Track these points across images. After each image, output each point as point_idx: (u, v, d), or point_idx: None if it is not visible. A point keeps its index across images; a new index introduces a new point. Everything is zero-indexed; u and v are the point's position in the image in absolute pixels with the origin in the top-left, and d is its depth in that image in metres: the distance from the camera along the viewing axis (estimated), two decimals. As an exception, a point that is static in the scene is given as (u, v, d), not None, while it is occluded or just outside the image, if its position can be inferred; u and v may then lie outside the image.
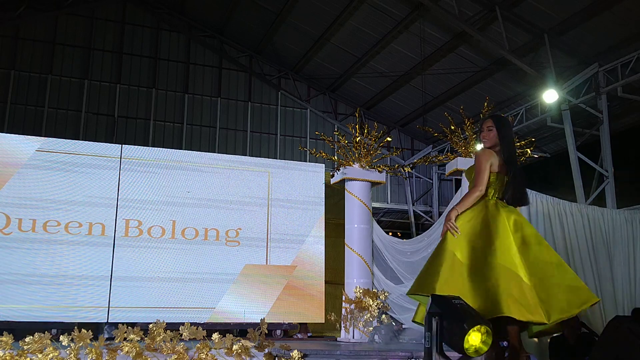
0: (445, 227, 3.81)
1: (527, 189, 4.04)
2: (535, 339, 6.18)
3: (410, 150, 16.77)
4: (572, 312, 3.58)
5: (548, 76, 10.84)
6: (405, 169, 10.05)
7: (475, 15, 11.22)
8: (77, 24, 14.46)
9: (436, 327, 3.24)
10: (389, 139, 9.46)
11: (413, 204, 16.45)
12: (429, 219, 16.26)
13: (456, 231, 3.75)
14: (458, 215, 3.80)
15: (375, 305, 7.77)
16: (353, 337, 7.76)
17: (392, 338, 7.36)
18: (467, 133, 7.51)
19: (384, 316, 7.78)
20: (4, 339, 4.26)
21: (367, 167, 8.31)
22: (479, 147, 7.42)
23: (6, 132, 12.00)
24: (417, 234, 10.72)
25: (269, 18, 14.16)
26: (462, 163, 7.28)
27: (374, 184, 8.49)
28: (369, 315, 7.73)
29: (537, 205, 7.16)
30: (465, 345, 3.22)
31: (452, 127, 7.64)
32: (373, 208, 8.97)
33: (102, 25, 14.68)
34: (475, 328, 3.22)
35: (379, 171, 8.41)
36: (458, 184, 8.14)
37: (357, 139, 8.32)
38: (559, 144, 13.04)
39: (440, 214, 14.70)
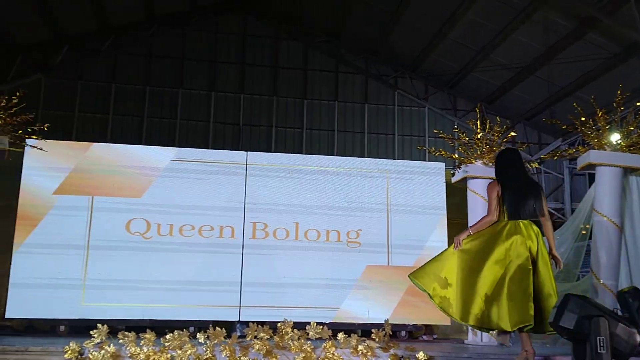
0: (455, 242, 4.63)
1: (527, 205, 4.58)
2: None
3: (538, 144, 15.97)
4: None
5: (693, 57, 9.85)
6: (532, 164, 9.56)
7: (605, -2, 10.47)
8: (203, 40, 15.34)
9: (607, 330, 3.08)
10: (513, 133, 9.07)
11: (542, 201, 15.64)
12: (561, 216, 15.36)
13: (459, 246, 4.59)
14: (470, 234, 4.59)
15: (504, 307, 7.47)
16: (481, 340, 7.52)
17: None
18: (599, 124, 7.00)
19: (513, 318, 7.48)
20: (147, 336, 4.62)
21: (491, 164, 8.03)
22: (614, 137, 6.91)
23: (144, 144, 13.06)
24: (548, 233, 10.18)
25: (384, 19, 14.14)
26: (595, 156, 6.81)
27: (498, 181, 8.19)
28: (496, 317, 7.45)
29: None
30: None
31: (583, 119, 7.16)
32: (498, 206, 8.63)
33: (226, 39, 15.46)
34: None
35: (503, 168, 8.08)
36: (592, 178, 7.62)
37: (479, 135, 8.06)
38: None
39: (573, 211, 13.85)
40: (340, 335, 4.94)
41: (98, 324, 4.59)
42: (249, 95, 15.22)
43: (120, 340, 4.58)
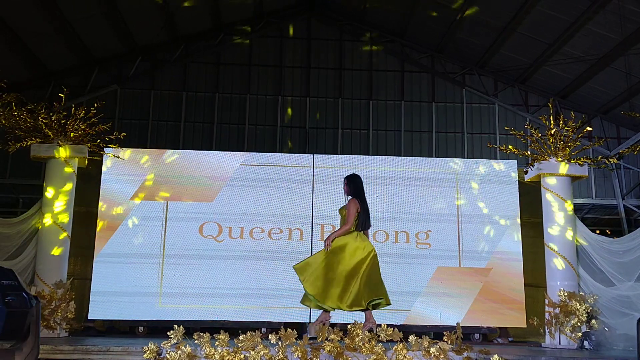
0: (325, 244, 5.95)
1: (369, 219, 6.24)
2: None
3: (617, 139, 15.20)
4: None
5: None
6: (610, 160, 9.12)
7: (688, -19, 9.87)
8: (269, 45, 15.56)
9: None
10: (589, 128, 8.69)
11: (623, 198, 14.88)
12: (643, 214, 14.59)
13: (329, 248, 5.96)
14: (334, 238, 6.01)
15: (584, 310, 7.19)
16: (559, 343, 7.26)
17: (604, 345, 6.80)
18: (684, 115, 6.61)
19: (594, 321, 7.19)
20: (221, 337, 4.72)
21: (566, 161, 7.73)
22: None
23: (214, 150, 13.38)
24: (630, 231, 9.66)
25: (449, 15, 13.89)
26: (681, 149, 6.43)
27: (574, 178, 7.87)
28: (576, 320, 7.17)
29: None
30: None
31: (666, 110, 6.78)
32: (575, 204, 8.32)
33: (291, 44, 15.61)
34: None
35: (579, 164, 7.77)
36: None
37: (552, 131, 7.78)
38: None
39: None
40: (412, 338, 4.89)
41: (174, 325, 4.74)
42: (315, 98, 15.31)
43: (196, 341, 4.70)
